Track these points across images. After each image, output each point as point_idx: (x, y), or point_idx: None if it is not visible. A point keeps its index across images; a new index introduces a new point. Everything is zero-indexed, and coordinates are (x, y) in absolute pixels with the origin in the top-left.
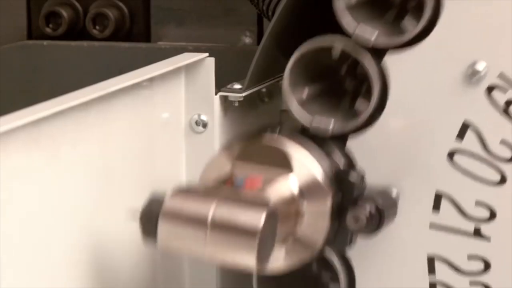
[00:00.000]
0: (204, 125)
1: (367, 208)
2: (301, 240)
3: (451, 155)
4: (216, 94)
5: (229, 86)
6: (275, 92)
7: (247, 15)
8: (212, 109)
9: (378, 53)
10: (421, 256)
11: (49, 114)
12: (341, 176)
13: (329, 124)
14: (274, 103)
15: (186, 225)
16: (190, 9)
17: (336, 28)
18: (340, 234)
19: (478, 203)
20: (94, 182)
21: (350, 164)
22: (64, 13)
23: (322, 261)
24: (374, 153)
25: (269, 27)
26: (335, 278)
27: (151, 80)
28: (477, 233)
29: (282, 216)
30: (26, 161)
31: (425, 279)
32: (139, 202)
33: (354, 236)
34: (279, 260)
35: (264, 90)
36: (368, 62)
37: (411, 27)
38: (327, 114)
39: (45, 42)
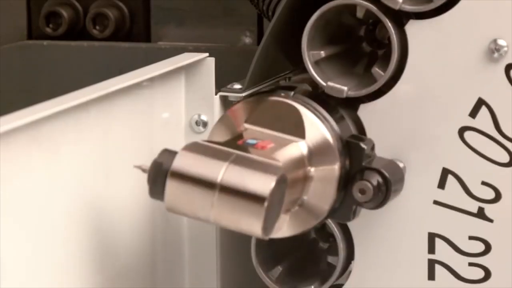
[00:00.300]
0: (204, 125)
1: (375, 180)
2: (307, 207)
3: (461, 131)
4: (216, 94)
5: (229, 86)
6: None
7: (247, 15)
8: (212, 109)
9: (401, 19)
10: (422, 232)
11: (49, 114)
12: (352, 142)
13: (344, 87)
14: None
15: (194, 185)
16: (190, 9)
17: None
18: (344, 206)
19: (484, 183)
20: (94, 182)
21: (360, 132)
22: (64, 13)
23: (322, 228)
24: (385, 123)
25: (269, 27)
26: (333, 246)
27: (151, 80)
28: (480, 213)
29: (290, 181)
30: (26, 161)
31: (424, 256)
32: (138, 201)
33: (358, 209)
34: (283, 226)
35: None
36: (391, 26)
37: None
38: (343, 77)
39: (45, 42)
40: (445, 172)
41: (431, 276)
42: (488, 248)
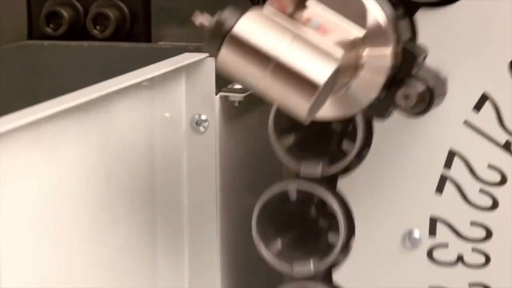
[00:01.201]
0: (205, 125)
1: (419, 88)
2: (352, 94)
3: None
4: (216, 94)
5: (229, 86)
6: None
7: None
8: (213, 109)
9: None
10: (444, 147)
11: (50, 114)
12: (407, 48)
13: None
14: None
15: (251, 54)
16: (190, 9)
17: None
18: (383, 104)
19: None
20: (94, 182)
21: (413, 35)
22: (65, 13)
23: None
24: (439, 33)
25: None
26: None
27: (152, 80)
28: (507, 146)
29: (343, 68)
30: (26, 161)
31: (439, 170)
32: (139, 202)
33: (393, 110)
34: (325, 109)
35: None
36: None
37: None
38: None
39: (45, 42)
40: (484, 97)
41: (440, 189)
42: (504, 180)
